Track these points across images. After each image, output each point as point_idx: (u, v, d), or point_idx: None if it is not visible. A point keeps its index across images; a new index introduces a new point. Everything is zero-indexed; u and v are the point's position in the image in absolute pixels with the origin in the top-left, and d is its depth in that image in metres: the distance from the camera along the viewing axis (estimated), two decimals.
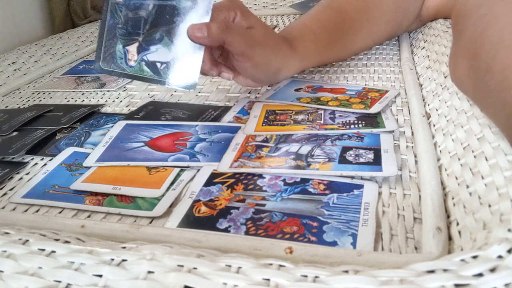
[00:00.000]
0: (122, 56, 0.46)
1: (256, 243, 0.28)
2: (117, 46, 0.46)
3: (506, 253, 0.20)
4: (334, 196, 0.34)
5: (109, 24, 0.45)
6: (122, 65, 0.46)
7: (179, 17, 0.45)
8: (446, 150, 0.37)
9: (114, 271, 0.22)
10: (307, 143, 0.42)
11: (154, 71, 0.46)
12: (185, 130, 0.47)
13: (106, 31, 0.45)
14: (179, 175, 0.39)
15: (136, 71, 0.46)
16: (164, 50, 0.46)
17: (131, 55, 0.46)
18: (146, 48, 0.46)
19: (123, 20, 0.45)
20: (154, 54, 0.46)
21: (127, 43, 0.46)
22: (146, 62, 0.46)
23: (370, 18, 0.60)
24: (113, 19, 0.45)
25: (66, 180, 0.40)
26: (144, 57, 0.46)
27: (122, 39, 0.46)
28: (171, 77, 0.46)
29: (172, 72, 0.46)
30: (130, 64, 0.46)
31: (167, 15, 0.45)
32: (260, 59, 0.48)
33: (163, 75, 0.46)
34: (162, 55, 0.46)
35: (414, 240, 0.29)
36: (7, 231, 0.27)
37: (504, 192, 0.26)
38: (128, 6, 0.45)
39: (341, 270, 0.21)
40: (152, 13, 0.45)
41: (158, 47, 0.46)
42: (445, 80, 0.46)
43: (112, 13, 0.45)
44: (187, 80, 0.46)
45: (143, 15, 0.45)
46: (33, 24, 0.92)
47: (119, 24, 0.45)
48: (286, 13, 1.00)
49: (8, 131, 0.51)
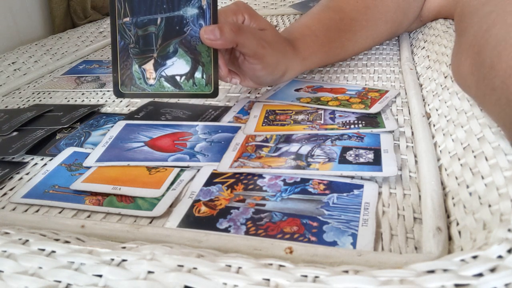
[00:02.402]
0: (140, 76, 0.45)
1: (256, 243, 0.28)
2: (133, 67, 0.45)
3: (506, 253, 0.20)
4: (334, 196, 0.34)
5: (120, 46, 0.44)
6: (142, 85, 0.45)
7: (189, 26, 0.45)
8: (446, 150, 0.37)
9: (114, 271, 0.22)
10: (307, 143, 0.42)
11: (174, 85, 0.46)
12: (185, 130, 0.47)
13: (119, 54, 0.45)
14: (179, 175, 0.39)
15: (157, 89, 0.46)
16: (180, 62, 0.45)
17: (149, 73, 0.45)
18: (162, 64, 0.45)
19: (134, 39, 0.44)
20: (172, 68, 0.46)
21: (142, 62, 0.45)
22: (165, 78, 0.46)
23: (370, 18, 0.60)
24: (123, 40, 0.44)
25: (66, 180, 0.40)
26: (162, 72, 0.45)
27: (137, 59, 0.45)
28: (192, 88, 0.46)
29: (192, 83, 0.46)
30: (149, 83, 0.45)
31: (176, 26, 0.45)
32: (271, 60, 0.48)
33: (184, 87, 0.46)
34: (180, 68, 0.46)
35: (414, 240, 0.29)
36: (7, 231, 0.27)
37: (504, 192, 0.26)
38: (136, 24, 0.44)
39: (341, 270, 0.21)
40: (162, 27, 0.44)
41: (174, 60, 0.45)
42: (445, 80, 0.46)
43: (121, 34, 0.44)
44: (208, 88, 0.46)
45: (153, 30, 0.45)
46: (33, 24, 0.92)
47: (131, 44, 0.45)
48: (286, 13, 1.00)
49: (8, 131, 0.51)
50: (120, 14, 0.44)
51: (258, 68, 0.48)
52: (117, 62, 0.45)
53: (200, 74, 0.46)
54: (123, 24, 0.44)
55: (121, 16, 0.44)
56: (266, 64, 0.48)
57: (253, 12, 0.48)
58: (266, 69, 0.48)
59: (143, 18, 0.44)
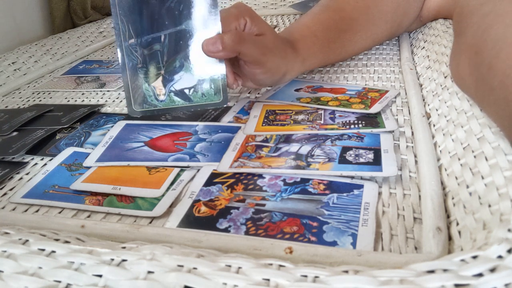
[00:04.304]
0: (151, 94, 0.47)
1: (256, 243, 0.28)
2: (144, 85, 0.46)
3: (506, 253, 0.20)
4: (334, 196, 0.34)
5: (129, 67, 0.46)
6: (154, 102, 0.47)
7: (192, 39, 0.46)
8: (446, 150, 0.37)
9: (114, 271, 0.22)
10: (307, 143, 0.42)
11: (184, 98, 0.47)
12: (185, 130, 0.47)
13: (129, 75, 0.46)
14: (179, 175, 0.39)
15: (167, 104, 0.47)
16: (187, 76, 0.47)
17: (159, 90, 0.47)
18: (170, 79, 0.47)
19: (141, 59, 0.46)
20: (180, 82, 0.47)
21: (151, 80, 0.46)
22: (174, 92, 0.47)
23: (369, 18, 0.60)
24: (131, 61, 0.46)
25: (66, 180, 0.40)
26: (171, 88, 0.47)
27: (146, 78, 0.46)
28: (202, 99, 0.47)
29: (202, 94, 0.47)
30: (160, 99, 0.47)
31: (180, 41, 0.46)
32: (272, 65, 0.48)
33: (194, 99, 0.47)
34: (187, 81, 0.47)
35: (414, 240, 0.29)
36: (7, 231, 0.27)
37: (504, 192, 0.26)
38: (141, 44, 0.45)
39: (341, 270, 0.21)
40: (166, 43, 0.46)
41: (181, 75, 0.47)
42: (445, 80, 0.46)
43: (128, 55, 0.46)
44: (217, 97, 0.47)
45: (158, 48, 0.46)
46: (33, 24, 0.92)
47: (139, 64, 0.46)
48: (286, 13, 1.00)
49: (8, 131, 0.51)
50: (125, 36, 0.45)
51: (258, 73, 0.48)
52: (128, 84, 0.46)
53: (208, 85, 0.47)
54: (130, 46, 0.45)
55: (126, 38, 0.45)
56: (267, 69, 0.48)
57: (254, 14, 0.48)
58: (266, 73, 0.48)
59: (147, 37, 0.45)
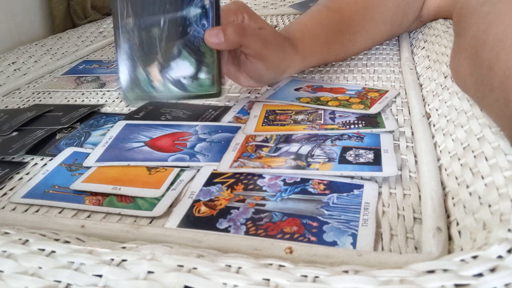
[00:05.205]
0: (145, 77, 0.45)
1: (256, 243, 0.28)
2: (138, 69, 0.45)
3: (506, 253, 0.20)
4: (334, 196, 0.34)
5: (124, 47, 0.44)
6: (147, 87, 0.45)
7: (192, 27, 0.44)
8: (446, 150, 0.37)
9: (114, 271, 0.22)
10: (307, 143, 0.42)
11: (179, 86, 0.45)
12: (185, 130, 0.47)
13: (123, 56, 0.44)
14: (179, 175, 0.39)
15: (162, 91, 0.45)
16: (185, 64, 0.45)
17: (154, 75, 0.45)
18: (166, 66, 0.45)
19: (138, 40, 0.44)
20: (176, 70, 0.45)
21: (146, 64, 0.45)
22: (170, 80, 0.45)
23: (369, 18, 0.60)
24: (127, 41, 0.44)
25: (66, 180, 0.40)
26: (167, 75, 0.45)
27: (141, 61, 0.44)
28: (197, 89, 0.46)
29: (198, 84, 0.46)
30: (154, 85, 0.45)
31: (180, 27, 0.44)
32: (273, 59, 0.48)
33: (190, 88, 0.46)
34: (184, 69, 0.45)
35: (414, 240, 0.29)
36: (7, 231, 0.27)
37: (504, 192, 0.26)
38: (139, 25, 0.44)
39: (341, 270, 0.21)
40: (165, 28, 0.44)
41: (178, 62, 0.45)
42: (445, 80, 0.46)
43: (124, 35, 0.44)
44: (213, 88, 0.46)
45: (157, 32, 0.44)
46: (33, 24, 0.92)
47: (134, 45, 0.44)
48: (286, 13, 1.01)
49: (8, 131, 0.51)
50: (123, 14, 0.43)
51: (260, 67, 0.48)
52: (123, 64, 0.44)
53: (205, 75, 0.46)
54: (126, 26, 0.44)
55: (124, 17, 0.43)
56: (269, 64, 0.48)
57: (251, 11, 0.48)
58: (268, 68, 0.48)
59: (146, 19, 0.44)
